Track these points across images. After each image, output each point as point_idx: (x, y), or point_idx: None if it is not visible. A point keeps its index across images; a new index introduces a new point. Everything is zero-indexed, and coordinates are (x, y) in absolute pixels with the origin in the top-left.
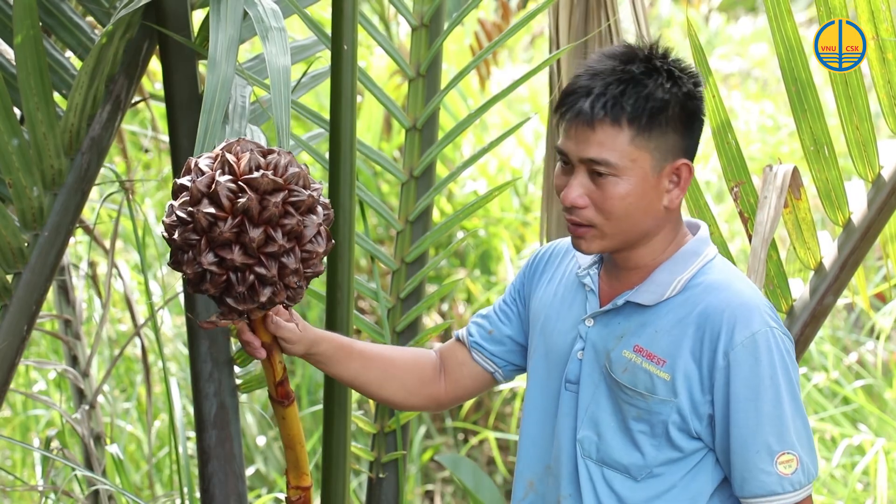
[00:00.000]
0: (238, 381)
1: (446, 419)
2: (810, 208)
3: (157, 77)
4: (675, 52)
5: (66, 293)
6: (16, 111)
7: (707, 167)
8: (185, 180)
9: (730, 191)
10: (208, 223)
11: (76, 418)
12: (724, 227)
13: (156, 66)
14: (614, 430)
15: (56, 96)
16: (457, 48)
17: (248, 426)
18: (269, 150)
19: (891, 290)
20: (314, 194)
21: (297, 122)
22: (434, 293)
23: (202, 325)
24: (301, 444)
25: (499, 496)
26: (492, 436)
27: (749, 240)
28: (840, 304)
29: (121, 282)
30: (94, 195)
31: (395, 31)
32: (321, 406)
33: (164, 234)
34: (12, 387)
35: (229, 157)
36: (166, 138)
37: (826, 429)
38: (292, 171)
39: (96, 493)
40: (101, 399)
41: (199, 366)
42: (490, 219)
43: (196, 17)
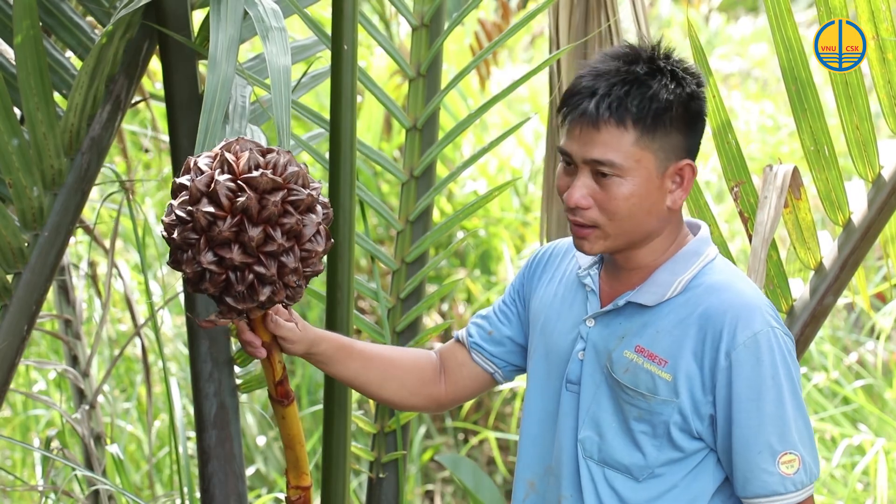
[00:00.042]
0: (238, 381)
1: (446, 419)
2: (810, 208)
3: (157, 77)
4: (677, 53)
5: (66, 293)
6: (16, 111)
7: (707, 167)
8: (184, 179)
9: (730, 191)
10: (207, 222)
11: (76, 418)
12: (724, 227)
13: (156, 66)
14: (616, 430)
15: (56, 96)
16: (457, 48)
17: (248, 426)
18: (269, 150)
19: (891, 290)
20: (313, 193)
21: (298, 122)
22: (434, 293)
23: (201, 324)
24: (301, 444)
25: (499, 496)
26: (492, 436)
27: (749, 240)
28: (840, 304)
29: (121, 282)
30: (95, 195)
31: (395, 31)
32: (321, 406)
33: (163, 233)
34: (12, 387)
35: (228, 156)
36: (166, 138)
37: (826, 429)
38: (291, 170)
39: (96, 493)
40: (101, 399)
41: (199, 366)
42: (490, 219)
43: (196, 17)
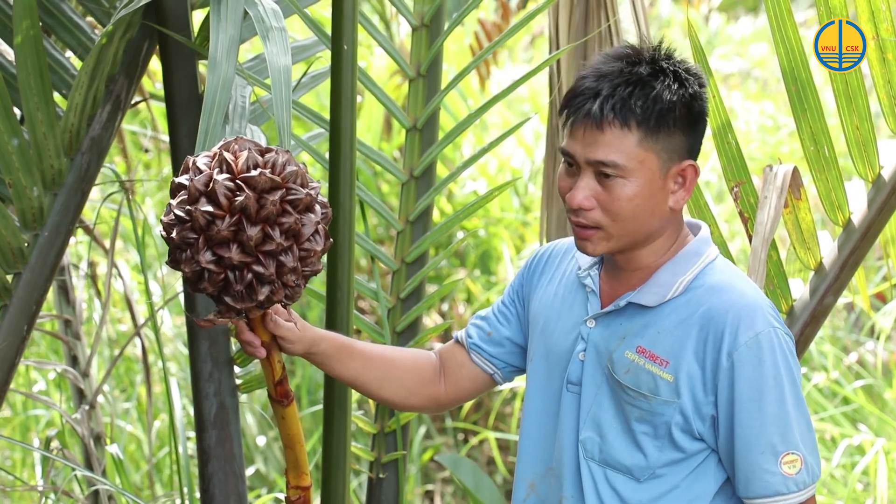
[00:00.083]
0: (238, 381)
1: (446, 419)
2: (810, 208)
3: (157, 77)
4: (677, 53)
5: (66, 293)
6: (16, 111)
7: (707, 167)
8: (183, 179)
9: (730, 191)
10: (206, 221)
11: (76, 418)
12: (724, 227)
13: (156, 66)
14: (617, 431)
15: (56, 96)
16: (457, 48)
17: (248, 426)
18: (267, 149)
19: (891, 289)
20: (312, 193)
21: (298, 122)
22: (434, 293)
23: (200, 323)
24: (300, 444)
25: (499, 496)
26: (492, 436)
27: (749, 240)
28: (840, 304)
29: (121, 282)
30: (95, 195)
31: (395, 31)
32: (321, 406)
33: (162, 232)
34: (12, 387)
35: (227, 155)
36: (166, 138)
37: (826, 429)
38: (290, 169)
39: (96, 493)
40: (101, 399)
41: (199, 366)
42: (490, 219)
43: (196, 17)
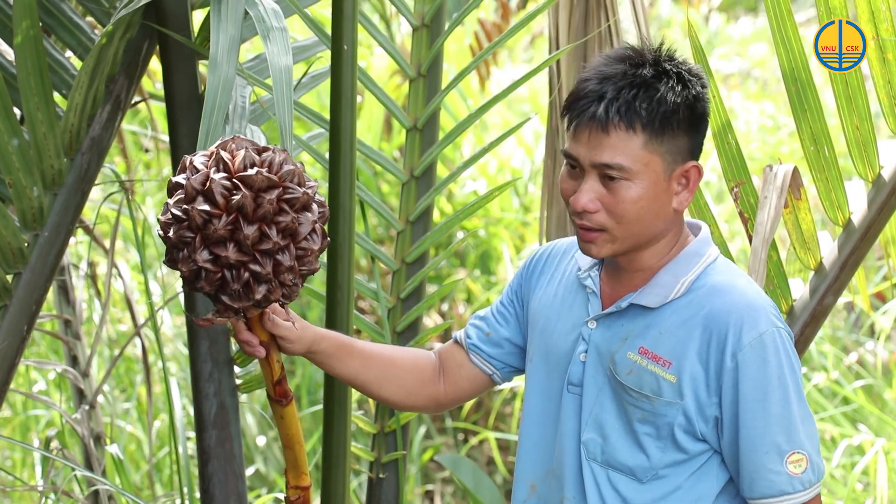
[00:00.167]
0: (238, 381)
1: (446, 419)
2: (810, 208)
3: (157, 77)
4: (677, 53)
5: (66, 293)
6: (16, 111)
7: (707, 167)
8: (180, 178)
9: (730, 191)
10: (203, 220)
11: (76, 418)
12: (724, 227)
13: (156, 66)
14: (619, 432)
15: (56, 96)
16: (457, 48)
17: (248, 426)
18: (264, 148)
19: (891, 289)
20: (309, 192)
21: (298, 122)
22: (434, 293)
23: (198, 322)
24: (300, 444)
25: (499, 496)
26: (492, 436)
27: (749, 240)
28: (840, 304)
29: (121, 282)
30: (96, 195)
31: (395, 31)
32: (321, 406)
33: (159, 231)
34: (12, 387)
35: (224, 154)
36: (166, 138)
37: (826, 429)
38: (287, 168)
39: (96, 493)
40: (101, 399)
41: (199, 366)
42: (490, 219)
43: (196, 17)
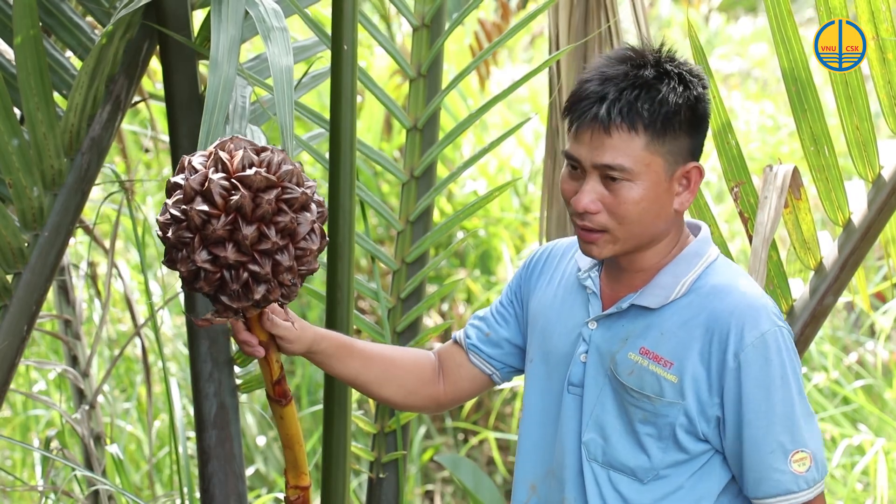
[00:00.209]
0: (238, 381)
1: (446, 419)
2: (810, 208)
3: (157, 77)
4: (677, 54)
5: (66, 293)
6: (16, 111)
7: (707, 167)
8: (178, 178)
9: (730, 191)
10: (202, 221)
11: (76, 418)
12: (724, 227)
13: (156, 66)
14: (620, 432)
15: (56, 96)
16: (457, 48)
17: (248, 426)
18: (263, 148)
19: (891, 289)
20: (307, 192)
21: (298, 122)
22: (434, 293)
23: (198, 322)
24: (299, 444)
25: (499, 496)
26: (492, 436)
27: (749, 240)
28: (840, 303)
29: (121, 282)
30: (96, 195)
31: (395, 31)
32: (321, 406)
33: (158, 232)
34: (12, 387)
35: (222, 154)
36: (166, 138)
37: (826, 429)
38: (285, 168)
39: (96, 493)
40: (101, 399)
41: (199, 366)
42: (490, 219)
43: (196, 17)
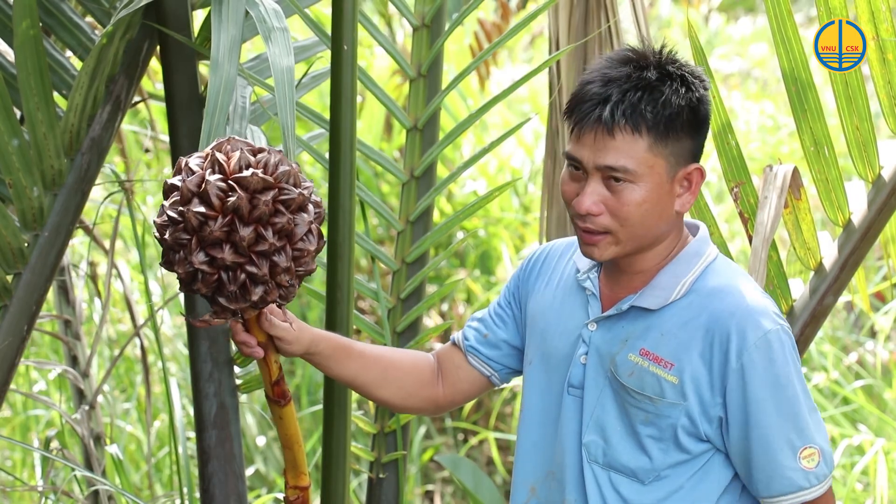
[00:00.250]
0: (238, 381)
1: (446, 419)
2: (810, 208)
3: (157, 77)
4: (677, 54)
5: (66, 293)
6: (16, 111)
7: (707, 167)
8: (175, 180)
9: (730, 191)
10: (199, 222)
11: (76, 418)
12: (724, 227)
13: (156, 66)
14: (621, 434)
15: (56, 96)
16: (457, 48)
17: (248, 426)
18: (259, 149)
19: (891, 289)
20: (305, 192)
21: (298, 122)
22: (434, 293)
23: (195, 323)
24: (299, 444)
25: (498, 496)
26: (492, 436)
27: (749, 240)
28: (840, 304)
29: (121, 282)
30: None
31: (395, 29)
32: (321, 406)
33: (155, 233)
34: (12, 387)
35: (219, 156)
36: (166, 138)
37: (826, 429)
38: (282, 169)
39: (96, 493)
40: (101, 399)
41: (199, 366)
42: (490, 219)
43: (196, 17)
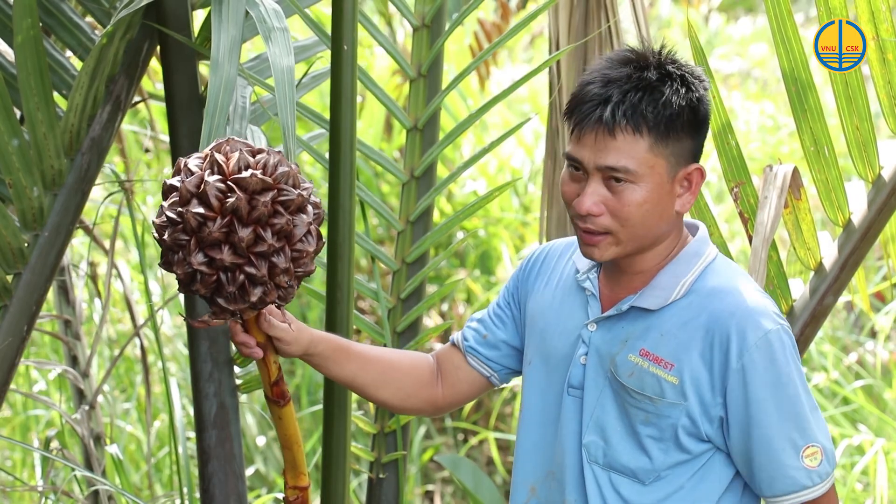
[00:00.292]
0: (238, 381)
1: (446, 419)
2: (810, 208)
3: (157, 77)
4: (677, 54)
5: (66, 293)
6: (16, 111)
7: (707, 167)
8: (174, 181)
9: (730, 191)
10: (198, 223)
11: (76, 418)
12: (724, 227)
13: (156, 66)
14: (621, 434)
15: (56, 96)
16: (457, 48)
17: (248, 426)
18: (259, 150)
19: (891, 289)
20: (304, 193)
21: (298, 122)
22: (434, 293)
23: (194, 323)
24: (298, 444)
25: (498, 496)
26: (492, 436)
27: (749, 240)
28: (840, 304)
29: (121, 282)
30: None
31: (395, 30)
32: (321, 406)
33: (154, 234)
34: (12, 387)
35: (218, 156)
36: (166, 138)
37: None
38: (282, 170)
39: (96, 493)
40: (101, 399)
41: (199, 366)
42: (490, 219)
43: (197, 17)
